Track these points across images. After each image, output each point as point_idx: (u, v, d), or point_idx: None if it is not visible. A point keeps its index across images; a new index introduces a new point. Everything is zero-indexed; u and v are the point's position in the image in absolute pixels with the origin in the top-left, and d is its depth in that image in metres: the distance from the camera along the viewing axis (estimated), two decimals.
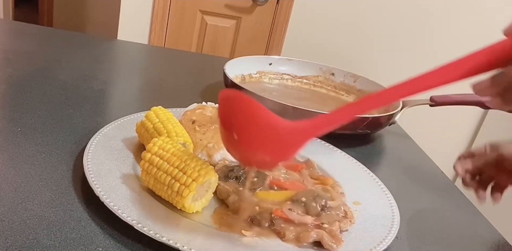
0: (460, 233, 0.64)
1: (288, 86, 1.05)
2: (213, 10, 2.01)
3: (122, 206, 0.49)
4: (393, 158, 0.86)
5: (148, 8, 1.97)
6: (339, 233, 0.52)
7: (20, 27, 1.20)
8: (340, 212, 0.56)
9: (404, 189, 0.72)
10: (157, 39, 2.03)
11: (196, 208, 0.52)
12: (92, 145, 0.60)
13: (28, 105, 0.74)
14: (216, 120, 0.67)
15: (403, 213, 0.60)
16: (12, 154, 0.60)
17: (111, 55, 1.18)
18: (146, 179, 0.54)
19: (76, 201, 0.52)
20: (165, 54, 1.31)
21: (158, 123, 0.62)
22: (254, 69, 1.03)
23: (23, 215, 0.48)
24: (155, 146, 0.54)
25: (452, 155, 2.54)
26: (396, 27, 1.98)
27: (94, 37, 1.39)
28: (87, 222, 0.49)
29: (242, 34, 2.05)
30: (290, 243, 0.50)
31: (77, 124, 0.71)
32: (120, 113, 0.71)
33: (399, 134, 0.95)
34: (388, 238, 0.53)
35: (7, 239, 0.44)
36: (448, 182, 0.80)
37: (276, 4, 1.98)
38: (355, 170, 0.69)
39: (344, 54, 2.00)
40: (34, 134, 0.65)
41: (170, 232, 0.47)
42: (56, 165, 0.58)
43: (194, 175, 0.50)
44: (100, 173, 0.54)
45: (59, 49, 1.08)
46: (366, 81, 1.02)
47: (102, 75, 0.97)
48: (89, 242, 0.46)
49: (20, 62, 0.94)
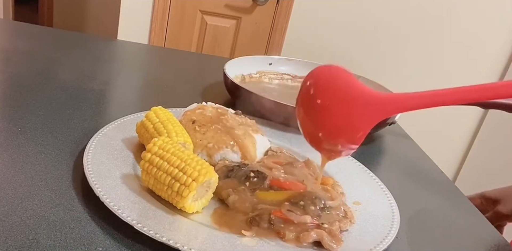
0: (460, 233, 0.64)
1: (288, 86, 1.05)
2: (213, 10, 2.01)
3: (122, 206, 0.49)
4: (393, 158, 0.86)
5: (148, 8, 1.97)
6: (339, 233, 0.52)
7: (20, 27, 1.20)
8: (340, 212, 0.56)
9: (404, 189, 0.72)
10: (157, 39, 2.03)
11: (196, 208, 0.52)
12: (92, 145, 0.60)
13: (28, 105, 0.74)
14: (216, 120, 0.67)
15: (403, 213, 0.60)
16: (12, 154, 0.60)
17: (111, 55, 1.18)
18: (146, 179, 0.54)
19: (76, 201, 0.52)
20: (165, 54, 1.31)
21: (158, 123, 0.62)
22: (254, 69, 1.03)
23: (23, 215, 0.48)
24: (155, 146, 0.54)
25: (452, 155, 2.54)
26: (396, 27, 1.99)
27: (94, 37, 1.39)
28: (87, 222, 0.49)
29: (242, 34, 2.05)
30: (290, 243, 0.50)
31: (77, 124, 0.71)
32: (120, 113, 0.71)
33: (399, 134, 0.95)
34: (388, 238, 0.53)
35: (7, 239, 0.44)
36: (448, 182, 0.80)
37: (276, 4, 1.98)
38: (355, 170, 0.69)
39: (344, 54, 2.00)
40: (34, 134, 0.65)
41: (170, 232, 0.47)
42: (56, 165, 0.58)
43: (194, 175, 0.50)
44: (100, 173, 0.54)
45: (59, 49, 1.08)
46: (366, 81, 1.02)
47: (102, 75, 0.97)
48: (89, 242, 0.46)
49: (20, 62, 0.94)
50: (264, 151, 0.68)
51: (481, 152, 2.20)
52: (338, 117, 0.47)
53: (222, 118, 0.67)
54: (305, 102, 0.50)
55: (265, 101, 0.80)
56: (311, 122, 0.49)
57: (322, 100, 0.47)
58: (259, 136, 0.68)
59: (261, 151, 0.67)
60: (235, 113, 0.72)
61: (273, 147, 0.70)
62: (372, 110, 0.47)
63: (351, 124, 0.47)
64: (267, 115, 0.80)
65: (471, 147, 2.23)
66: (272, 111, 0.80)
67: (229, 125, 0.66)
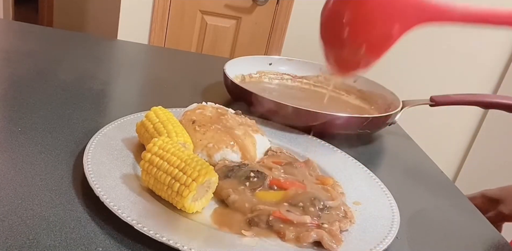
0: (460, 233, 0.64)
1: (288, 86, 1.05)
2: (213, 10, 2.01)
3: (122, 206, 0.49)
4: (393, 158, 0.86)
5: (148, 8, 1.97)
6: (339, 233, 0.52)
7: (20, 27, 1.20)
8: (340, 212, 0.56)
9: (404, 189, 0.72)
10: (157, 39, 2.03)
11: (196, 208, 0.52)
12: (92, 145, 0.60)
13: (28, 105, 0.74)
14: (216, 120, 0.67)
15: (403, 213, 0.60)
16: (12, 154, 0.60)
17: (111, 55, 1.18)
18: (146, 179, 0.54)
19: (76, 201, 0.52)
20: (165, 54, 1.31)
21: (158, 123, 0.62)
22: (254, 69, 1.03)
23: (23, 215, 0.48)
24: (155, 146, 0.54)
25: (452, 155, 2.54)
26: None
27: (94, 37, 1.38)
28: (87, 222, 0.49)
29: (242, 34, 2.05)
30: (290, 243, 0.50)
31: (77, 124, 0.71)
32: (120, 113, 0.71)
33: (399, 134, 0.95)
34: (388, 238, 0.53)
35: (7, 239, 0.44)
36: (448, 182, 0.80)
37: (276, 4, 1.98)
38: (355, 170, 0.70)
39: None
40: (34, 134, 0.65)
41: (170, 232, 0.47)
42: (56, 165, 0.58)
43: (194, 175, 0.50)
44: (100, 173, 0.54)
45: (59, 49, 1.08)
46: (366, 81, 1.02)
47: (102, 75, 0.97)
48: (89, 242, 0.46)
49: (20, 62, 0.94)
50: (264, 151, 0.69)
51: (481, 152, 2.20)
52: (376, 11, 0.43)
53: (222, 118, 0.67)
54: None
55: (265, 101, 0.80)
56: (341, 16, 0.45)
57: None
58: (259, 136, 0.68)
59: (261, 151, 0.68)
60: (235, 113, 0.72)
61: (273, 147, 0.70)
62: (412, 13, 0.44)
63: (387, 21, 0.43)
64: (267, 115, 0.80)
65: (471, 147, 2.23)
66: (272, 111, 0.80)
67: (229, 125, 0.66)
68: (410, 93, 1.02)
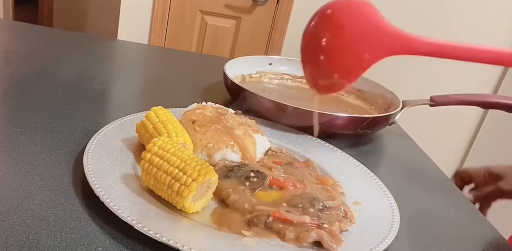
0: (460, 233, 0.64)
1: (288, 86, 1.05)
2: (213, 10, 2.01)
3: (122, 206, 0.49)
4: (393, 158, 0.86)
5: (148, 8, 1.97)
6: (339, 233, 0.52)
7: (20, 27, 1.20)
8: (340, 212, 0.56)
9: (404, 189, 0.72)
10: (157, 39, 2.03)
11: (196, 208, 0.52)
12: (92, 145, 0.60)
13: (28, 105, 0.74)
14: (216, 120, 0.67)
15: (403, 213, 0.60)
16: (12, 154, 0.60)
17: (111, 55, 1.18)
18: (146, 179, 0.54)
19: (76, 201, 0.52)
20: (165, 54, 1.31)
21: (158, 123, 0.62)
22: (254, 69, 1.03)
23: (23, 215, 0.48)
24: (155, 146, 0.54)
25: (452, 155, 2.54)
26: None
27: (94, 37, 1.38)
28: (87, 222, 0.49)
29: (242, 34, 2.05)
30: (290, 243, 0.50)
31: (77, 124, 0.71)
32: (120, 113, 0.71)
33: (399, 134, 0.95)
34: (388, 238, 0.53)
35: (7, 239, 0.44)
36: (448, 182, 0.80)
37: (276, 4, 1.98)
38: (355, 170, 0.70)
39: None
40: (34, 134, 0.65)
41: (170, 232, 0.47)
42: (56, 165, 0.58)
43: (194, 175, 0.50)
44: (100, 173, 0.54)
45: (59, 49, 1.08)
46: (366, 81, 1.02)
47: (102, 75, 0.97)
48: (89, 242, 0.46)
49: (20, 62, 0.94)
50: (264, 151, 0.69)
51: (481, 152, 2.20)
52: (351, 39, 0.44)
53: (222, 118, 0.67)
54: (320, 18, 0.47)
55: (265, 101, 0.80)
56: (319, 39, 0.46)
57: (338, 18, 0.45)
58: (259, 136, 0.68)
59: (261, 151, 0.68)
60: (235, 113, 0.72)
61: (273, 147, 0.70)
62: (386, 44, 0.44)
63: (361, 50, 0.44)
64: (267, 115, 0.80)
65: (471, 147, 2.23)
66: (272, 111, 0.80)
67: (229, 125, 0.66)
68: (410, 93, 1.02)
